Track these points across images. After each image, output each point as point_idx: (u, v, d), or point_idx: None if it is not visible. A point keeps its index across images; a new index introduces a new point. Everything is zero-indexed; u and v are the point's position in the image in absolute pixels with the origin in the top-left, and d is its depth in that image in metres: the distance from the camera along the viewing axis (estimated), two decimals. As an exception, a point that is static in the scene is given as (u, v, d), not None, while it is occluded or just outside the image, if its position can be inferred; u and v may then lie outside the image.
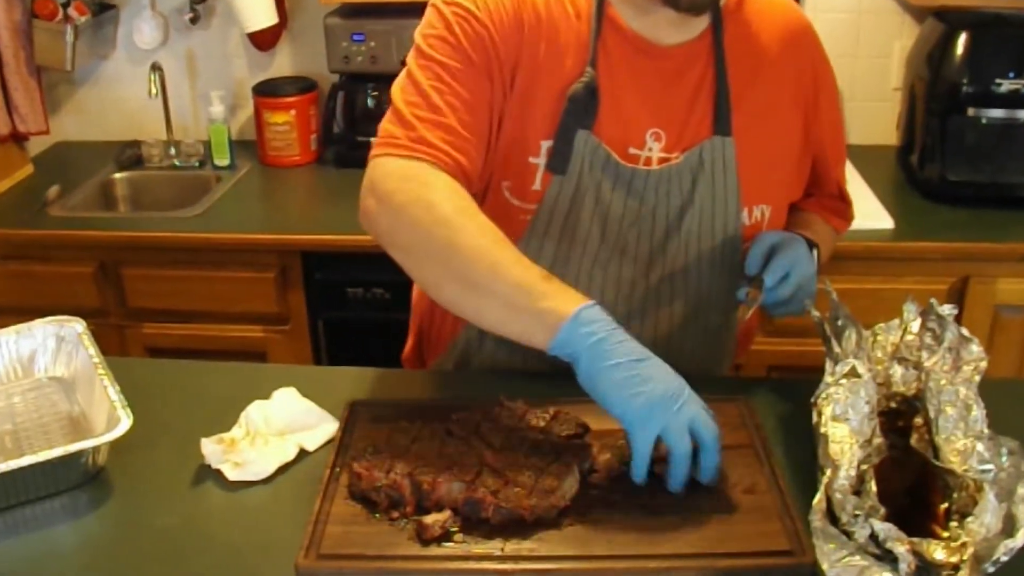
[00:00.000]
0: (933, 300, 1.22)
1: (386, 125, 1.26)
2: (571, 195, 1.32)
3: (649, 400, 1.07)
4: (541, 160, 1.31)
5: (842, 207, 1.56)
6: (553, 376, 1.37)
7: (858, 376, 1.11)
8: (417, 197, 1.18)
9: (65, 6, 2.70)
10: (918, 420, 1.15)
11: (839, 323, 1.23)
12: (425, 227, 1.16)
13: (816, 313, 1.26)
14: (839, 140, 1.51)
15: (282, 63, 2.92)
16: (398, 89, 1.28)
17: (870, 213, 2.34)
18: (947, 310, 1.20)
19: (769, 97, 1.38)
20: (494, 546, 1.05)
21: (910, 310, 1.25)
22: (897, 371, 1.22)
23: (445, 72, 1.25)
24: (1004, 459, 1.05)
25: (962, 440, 1.08)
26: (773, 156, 1.40)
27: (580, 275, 1.36)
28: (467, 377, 1.45)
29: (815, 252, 1.42)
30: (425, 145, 1.22)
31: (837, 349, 1.19)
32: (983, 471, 1.04)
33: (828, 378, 1.15)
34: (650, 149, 1.33)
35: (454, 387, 1.41)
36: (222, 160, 2.78)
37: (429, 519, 1.07)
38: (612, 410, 1.09)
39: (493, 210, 1.33)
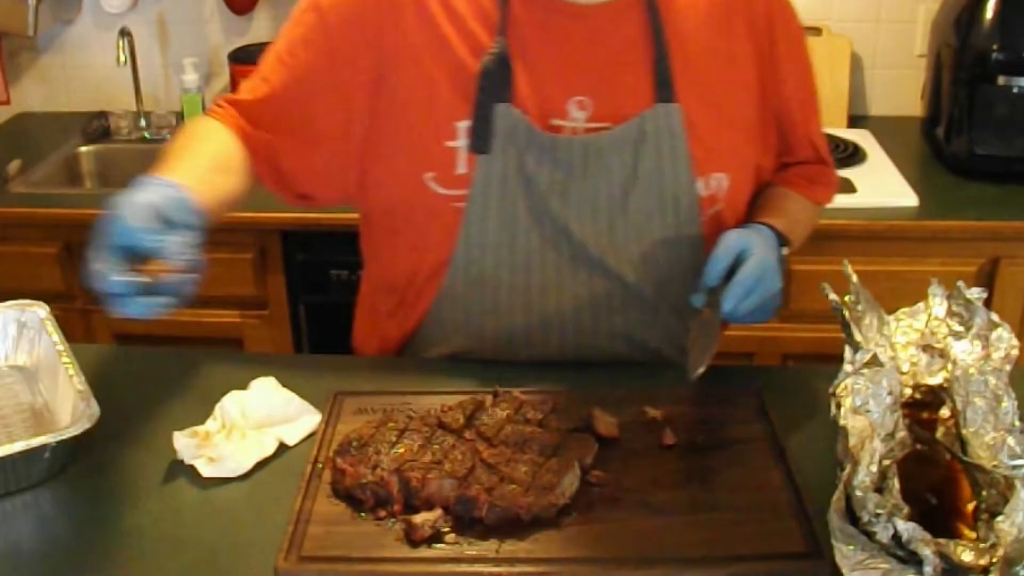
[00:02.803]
0: (960, 283, 1.21)
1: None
2: (500, 174, 1.31)
3: None
4: (461, 142, 1.31)
5: (822, 171, 1.50)
6: (552, 366, 1.37)
7: (880, 365, 1.10)
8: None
9: (26, -33, 2.69)
10: (944, 412, 1.15)
11: (859, 308, 1.23)
12: None
13: (834, 297, 1.26)
14: (807, 93, 1.46)
15: (260, 28, 2.91)
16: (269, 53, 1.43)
17: (893, 189, 2.34)
18: (975, 294, 1.20)
19: (716, 53, 1.35)
20: (488, 547, 1.05)
21: (936, 294, 1.25)
22: (922, 359, 1.21)
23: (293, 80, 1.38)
24: (1037, 454, 1.05)
25: (992, 433, 1.08)
26: (726, 119, 1.36)
27: (531, 260, 1.35)
28: (459, 367, 1.45)
29: (784, 250, 1.37)
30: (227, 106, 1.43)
31: (857, 336, 1.19)
32: (1014, 467, 1.04)
33: (848, 367, 1.14)
34: (574, 119, 1.32)
35: (445, 377, 1.41)
36: (196, 132, 2.77)
37: (419, 519, 1.06)
38: None
39: (424, 208, 1.34)
